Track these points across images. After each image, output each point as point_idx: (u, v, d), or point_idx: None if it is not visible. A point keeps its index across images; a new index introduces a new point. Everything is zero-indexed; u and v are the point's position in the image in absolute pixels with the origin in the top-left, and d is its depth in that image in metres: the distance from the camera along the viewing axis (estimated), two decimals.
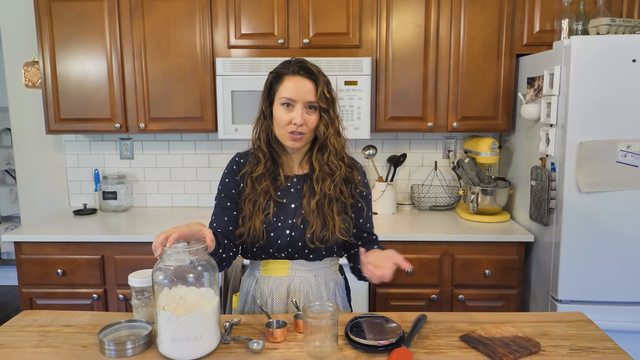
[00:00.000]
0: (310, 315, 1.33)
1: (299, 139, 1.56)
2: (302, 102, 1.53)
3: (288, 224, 1.62)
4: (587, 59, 2.20)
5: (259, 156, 1.62)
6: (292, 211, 1.63)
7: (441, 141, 3.20)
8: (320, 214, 1.60)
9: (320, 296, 1.66)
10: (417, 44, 2.77)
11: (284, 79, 1.55)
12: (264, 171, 1.61)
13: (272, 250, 1.64)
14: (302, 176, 1.66)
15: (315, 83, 1.54)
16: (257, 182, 1.62)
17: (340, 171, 1.60)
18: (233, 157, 1.73)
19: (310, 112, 1.55)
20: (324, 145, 1.59)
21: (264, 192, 1.61)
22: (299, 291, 1.65)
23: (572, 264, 2.33)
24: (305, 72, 1.54)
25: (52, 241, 2.63)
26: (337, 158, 1.59)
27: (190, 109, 2.85)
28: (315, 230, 1.59)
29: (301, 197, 1.63)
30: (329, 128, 1.57)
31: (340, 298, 1.72)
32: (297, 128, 1.53)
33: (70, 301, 2.66)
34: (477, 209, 2.84)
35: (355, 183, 1.65)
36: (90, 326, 1.52)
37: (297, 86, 1.53)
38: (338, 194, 1.61)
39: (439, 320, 1.56)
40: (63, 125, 2.88)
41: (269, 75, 1.61)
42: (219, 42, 2.80)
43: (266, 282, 1.67)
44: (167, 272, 1.32)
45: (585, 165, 2.25)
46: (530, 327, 1.50)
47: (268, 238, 1.61)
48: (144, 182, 3.31)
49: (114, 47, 2.81)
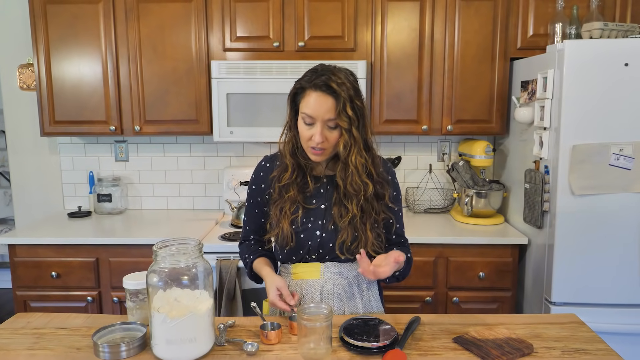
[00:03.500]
0: (305, 317, 1.33)
1: (321, 154, 1.53)
2: (322, 120, 1.47)
3: (318, 225, 1.60)
4: (580, 63, 2.22)
5: (287, 164, 1.60)
6: (322, 212, 1.61)
7: (436, 144, 3.22)
8: (352, 227, 1.57)
9: (353, 298, 1.64)
10: (412, 48, 2.79)
11: (306, 92, 1.49)
12: (290, 180, 1.59)
13: (302, 252, 1.62)
14: (332, 177, 1.62)
15: (336, 100, 1.45)
16: (284, 190, 1.60)
17: (365, 191, 1.54)
18: (260, 162, 1.72)
19: (331, 129, 1.49)
20: (345, 164, 1.53)
21: (291, 201, 1.59)
22: (332, 294, 1.62)
23: (566, 267, 2.34)
24: (327, 88, 1.45)
25: (46, 244, 2.63)
26: (360, 177, 1.53)
27: (186, 111, 2.85)
28: (346, 241, 1.56)
29: (332, 197, 1.61)
30: (351, 148, 1.50)
31: (373, 299, 1.71)
32: (317, 145, 1.50)
33: (65, 304, 2.65)
34: (472, 212, 2.85)
35: (384, 199, 1.61)
36: (84, 328, 1.52)
37: (317, 103, 1.46)
38: (369, 210, 1.57)
39: (433, 322, 1.56)
40: (58, 128, 2.88)
41: (294, 85, 1.55)
42: (215, 45, 2.81)
43: (298, 286, 1.64)
44: (162, 275, 1.32)
45: (579, 168, 2.26)
46: (523, 329, 1.50)
47: (298, 240, 1.60)
48: (138, 185, 3.31)
49: (109, 50, 2.81)
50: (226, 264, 2.53)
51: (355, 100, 1.48)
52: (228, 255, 2.58)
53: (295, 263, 1.65)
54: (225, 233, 2.75)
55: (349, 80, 1.49)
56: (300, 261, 1.64)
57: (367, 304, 1.68)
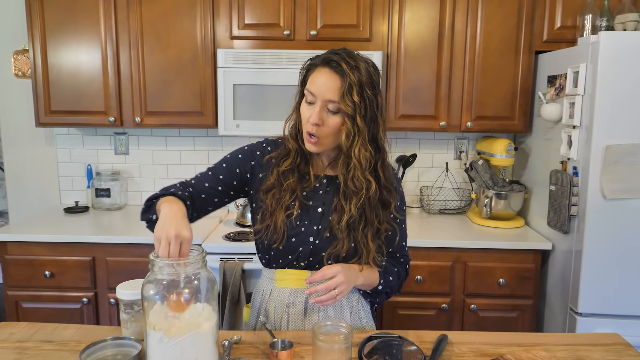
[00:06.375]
0: (321, 338, 1.17)
1: (315, 143, 1.35)
2: (322, 100, 1.30)
3: (312, 231, 1.43)
4: (616, 57, 2.05)
5: (289, 148, 1.43)
6: (319, 216, 1.44)
7: (452, 141, 3.05)
8: (351, 237, 1.40)
9: (341, 313, 1.48)
10: (431, 39, 2.62)
11: (315, 69, 1.33)
12: (293, 166, 1.43)
13: (290, 257, 1.44)
14: (332, 177, 1.46)
15: (342, 80, 1.28)
16: (283, 177, 1.42)
17: (367, 190, 1.35)
18: (260, 142, 1.52)
19: (331, 113, 1.32)
20: (347, 156, 1.35)
21: (290, 190, 1.41)
22: (317, 306, 1.46)
23: (594, 275, 2.18)
24: (336, 66, 1.28)
25: (40, 241, 2.48)
26: (363, 173, 1.34)
27: (190, 102, 2.69)
28: (340, 252, 1.39)
29: (331, 202, 1.43)
30: (354, 139, 1.31)
31: (364, 314, 1.53)
32: (311, 129, 1.33)
33: (59, 305, 2.51)
34: (491, 214, 2.69)
35: (390, 208, 1.43)
36: (73, 342, 1.37)
37: (321, 80, 1.30)
38: (372, 218, 1.40)
39: (461, 341, 1.41)
40: (54, 118, 2.72)
41: (305, 62, 1.39)
42: (221, 33, 2.64)
43: (281, 294, 1.47)
44: (159, 286, 1.16)
45: (611, 170, 2.10)
46: (563, 351, 1.35)
47: (288, 243, 1.42)
48: (139, 179, 3.15)
49: (109, 36, 2.65)
50: (230, 265, 2.37)
51: (367, 88, 1.29)
52: (232, 257, 2.42)
53: (280, 268, 1.48)
54: (229, 232, 2.60)
55: (365, 68, 1.31)
56: (286, 267, 1.47)
57: (357, 320, 1.51)
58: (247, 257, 2.41)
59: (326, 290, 1.31)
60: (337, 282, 1.31)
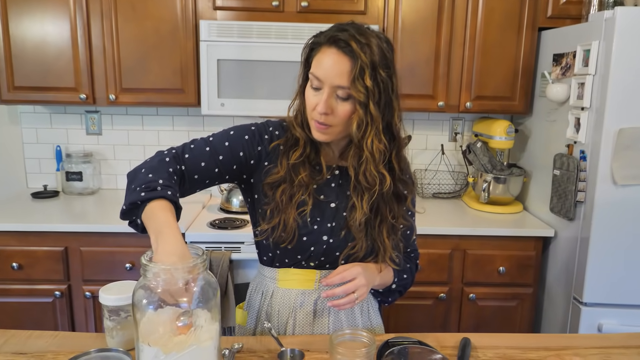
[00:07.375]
0: (340, 351, 1.03)
1: (325, 131, 1.18)
2: (330, 86, 1.13)
3: (326, 229, 1.27)
4: (632, 34, 1.93)
5: (297, 137, 1.25)
6: (332, 212, 1.28)
7: (447, 122, 2.91)
8: (368, 235, 1.25)
9: (352, 315, 1.34)
10: (430, 13, 2.45)
11: (321, 49, 1.15)
12: (304, 158, 1.24)
13: (300, 257, 1.29)
14: (344, 168, 1.29)
15: (353, 62, 1.10)
16: (294, 171, 1.24)
17: (381, 185, 1.20)
18: (264, 123, 1.31)
19: (341, 100, 1.15)
20: (359, 148, 1.18)
21: (304, 186, 1.24)
22: (327, 308, 1.31)
23: (601, 263, 2.09)
24: (345, 46, 1.10)
25: (6, 230, 2.26)
26: (377, 167, 1.18)
27: (169, 79, 2.47)
28: (359, 254, 1.25)
29: (343, 195, 1.28)
30: (366, 129, 1.14)
31: (373, 313, 1.40)
32: (319, 117, 1.16)
33: (29, 299, 2.31)
34: (489, 199, 2.58)
35: (406, 202, 1.29)
36: (50, 354, 1.19)
37: (328, 63, 1.13)
38: (386, 213, 1.25)
39: (485, 345, 1.28)
40: (18, 95, 2.47)
41: (310, 39, 1.20)
42: (203, 3, 2.42)
43: (286, 296, 1.32)
44: (153, 295, 0.99)
45: (623, 155, 2.00)
46: (596, 356, 1.24)
47: (299, 242, 1.26)
48: (113, 162, 2.92)
49: (78, 5, 2.40)
50: (217, 255, 2.21)
51: (380, 69, 1.11)
52: (219, 246, 2.25)
53: (283, 267, 1.32)
54: (214, 220, 2.43)
55: (378, 45, 1.13)
56: (292, 266, 1.31)
57: (367, 321, 1.38)
58: (234, 247, 2.25)
59: (345, 293, 1.16)
60: (357, 285, 1.17)
